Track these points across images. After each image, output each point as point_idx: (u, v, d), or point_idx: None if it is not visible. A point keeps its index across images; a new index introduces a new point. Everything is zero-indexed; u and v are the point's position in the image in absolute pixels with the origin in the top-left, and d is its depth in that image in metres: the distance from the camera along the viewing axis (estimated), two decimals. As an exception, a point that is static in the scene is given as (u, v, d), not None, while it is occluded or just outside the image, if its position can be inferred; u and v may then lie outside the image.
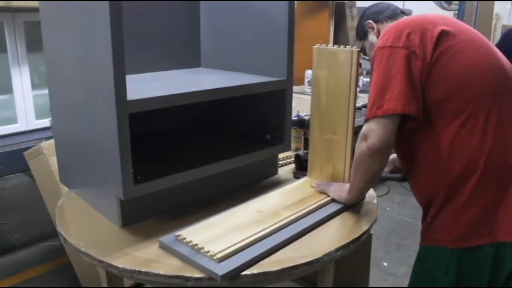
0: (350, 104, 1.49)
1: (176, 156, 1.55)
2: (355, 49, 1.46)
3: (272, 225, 1.30)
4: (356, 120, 1.55)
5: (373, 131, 1.27)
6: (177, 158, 1.53)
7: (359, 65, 1.53)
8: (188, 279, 1.11)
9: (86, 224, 1.38)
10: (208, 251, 1.15)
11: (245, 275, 1.12)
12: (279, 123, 1.66)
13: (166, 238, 1.25)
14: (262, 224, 1.30)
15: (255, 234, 1.25)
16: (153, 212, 1.41)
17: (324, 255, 1.21)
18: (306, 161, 1.74)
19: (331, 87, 1.53)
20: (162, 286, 1.34)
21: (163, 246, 1.24)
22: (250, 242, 1.22)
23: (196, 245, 1.19)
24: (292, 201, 1.46)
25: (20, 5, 2.77)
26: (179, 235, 1.24)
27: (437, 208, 1.32)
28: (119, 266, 1.16)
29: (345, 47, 1.48)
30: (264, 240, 1.24)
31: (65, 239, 1.31)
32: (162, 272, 1.12)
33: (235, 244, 1.19)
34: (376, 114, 1.26)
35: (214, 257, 1.13)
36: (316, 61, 1.55)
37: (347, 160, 1.54)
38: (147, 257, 1.19)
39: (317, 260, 1.20)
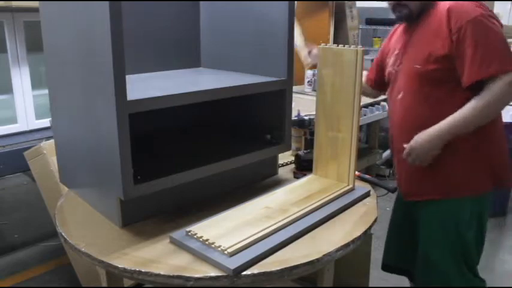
0: (355, 102, 1.51)
1: (176, 156, 1.55)
2: (359, 48, 1.47)
3: (281, 220, 1.32)
4: (360, 118, 1.58)
5: None
6: (177, 158, 1.53)
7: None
8: (188, 279, 1.11)
9: (86, 224, 1.38)
10: (219, 246, 1.17)
11: (245, 274, 1.12)
12: (279, 123, 1.66)
13: (177, 234, 1.26)
14: (271, 220, 1.32)
15: (265, 229, 1.26)
16: (153, 212, 1.41)
17: (324, 255, 1.21)
18: (306, 161, 1.75)
19: (336, 85, 1.54)
20: (162, 286, 1.34)
21: (174, 242, 1.24)
22: (260, 236, 1.23)
23: (207, 240, 1.20)
24: (299, 197, 1.48)
25: (20, 5, 2.76)
26: (190, 231, 1.25)
27: (463, 159, 1.59)
28: (119, 266, 1.16)
29: (350, 47, 1.50)
30: (274, 235, 1.26)
31: (65, 239, 1.31)
32: (162, 272, 1.12)
33: (246, 239, 1.21)
34: None
35: (226, 252, 1.15)
36: (321, 60, 1.57)
37: (352, 157, 1.56)
38: (147, 257, 1.19)
39: (317, 260, 1.20)
